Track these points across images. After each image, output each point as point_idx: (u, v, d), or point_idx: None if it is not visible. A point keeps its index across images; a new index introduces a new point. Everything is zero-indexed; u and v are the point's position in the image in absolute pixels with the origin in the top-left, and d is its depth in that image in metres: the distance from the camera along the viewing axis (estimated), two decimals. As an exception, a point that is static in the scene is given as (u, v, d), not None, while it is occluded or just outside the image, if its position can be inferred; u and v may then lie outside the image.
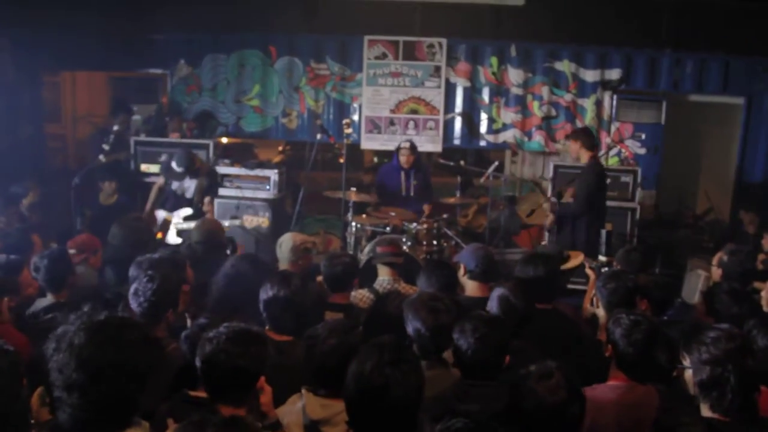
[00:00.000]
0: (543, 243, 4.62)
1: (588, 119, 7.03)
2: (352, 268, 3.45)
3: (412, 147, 6.19)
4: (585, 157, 5.17)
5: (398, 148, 6.20)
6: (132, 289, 2.75)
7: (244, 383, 2.04)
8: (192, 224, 5.03)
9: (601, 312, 3.07)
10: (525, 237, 6.71)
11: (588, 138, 5.20)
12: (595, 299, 3.16)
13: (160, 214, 5.61)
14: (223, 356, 2.01)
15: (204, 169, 5.78)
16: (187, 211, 5.42)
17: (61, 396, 1.66)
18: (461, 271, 3.47)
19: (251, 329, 2.12)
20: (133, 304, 2.73)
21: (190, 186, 5.70)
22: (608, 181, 5.51)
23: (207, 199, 5.66)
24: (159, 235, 5.41)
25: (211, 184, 5.82)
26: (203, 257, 3.94)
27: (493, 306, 2.82)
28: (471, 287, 3.44)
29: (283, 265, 3.77)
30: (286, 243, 3.83)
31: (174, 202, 5.68)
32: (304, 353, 2.31)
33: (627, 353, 2.40)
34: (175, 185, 5.72)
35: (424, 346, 2.46)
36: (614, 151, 6.82)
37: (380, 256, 3.90)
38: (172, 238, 5.38)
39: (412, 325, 2.45)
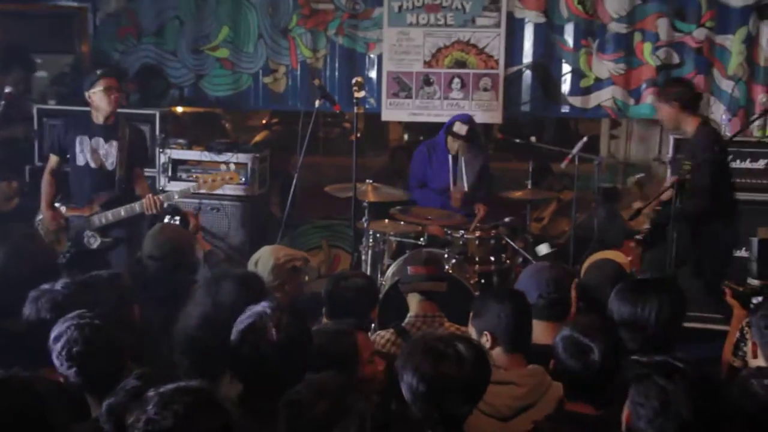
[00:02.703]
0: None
1: (732, 66, 6.85)
2: (369, 294, 3.58)
3: (471, 129, 6.29)
4: (689, 125, 5.23)
5: (449, 127, 6.32)
6: (58, 348, 2.82)
7: None
8: (116, 213, 5.41)
9: (761, 365, 3.02)
10: (630, 250, 6.32)
11: (688, 93, 5.25)
12: (750, 346, 3.12)
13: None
14: None
15: (123, 125, 5.68)
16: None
17: None
18: None
19: (203, 391, 2.16)
20: (62, 367, 2.82)
21: (108, 153, 5.61)
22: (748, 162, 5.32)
23: (138, 175, 5.68)
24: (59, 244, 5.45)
25: (139, 145, 5.80)
26: (157, 282, 4.04)
27: (560, 355, 2.81)
28: (536, 330, 3.45)
29: None
30: (264, 260, 4.05)
31: (88, 182, 5.58)
32: (285, 427, 2.35)
33: None
34: (82, 155, 5.57)
35: (424, 413, 2.49)
36: (774, 116, 6.61)
37: (412, 279, 4.00)
38: (92, 241, 5.49)
39: (404, 382, 2.50)
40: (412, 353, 2.53)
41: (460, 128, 6.25)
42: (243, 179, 6.56)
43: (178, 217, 5.29)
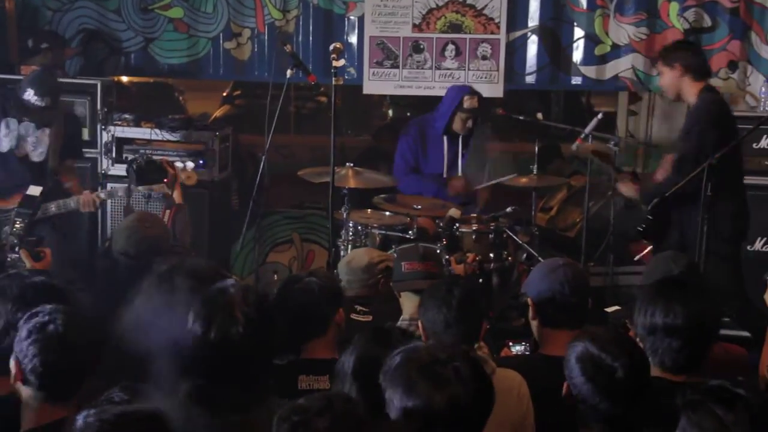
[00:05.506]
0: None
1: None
2: (329, 295, 3.58)
3: (480, 99, 6.41)
4: (691, 93, 5.33)
5: (458, 107, 6.39)
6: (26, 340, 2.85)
7: None
8: (44, 208, 5.40)
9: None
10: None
11: (694, 57, 5.36)
12: None
13: None
14: None
15: (60, 110, 5.74)
16: (36, 189, 5.45)
17: None
18: (530, 312, 3.59)
19: (155, 419, 2.22)
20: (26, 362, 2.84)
21: (39, 142, 5.66)
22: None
23: (68, 168, 5.72)
24: None
25: (74, 135, 5.84)
26: (132, 280, 4.02)
27: (574, 378, 2.80)
28: (548, 339, 3.53)
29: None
30: (358, 259, 4.72)
31: (6, 173, 5.62)
32: None
33: None
34: (6, 140, 5.62)
35: None
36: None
37: (406, 277, 4.09)
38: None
39: (397, 406, 2.45)
40: (412, 378, 2.46)
41: (471, 102, 6.34)
42: (201, 162, 6.56)
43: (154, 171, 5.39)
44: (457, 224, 5.64)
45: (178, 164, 5.62)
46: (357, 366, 2.82)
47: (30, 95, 5.46)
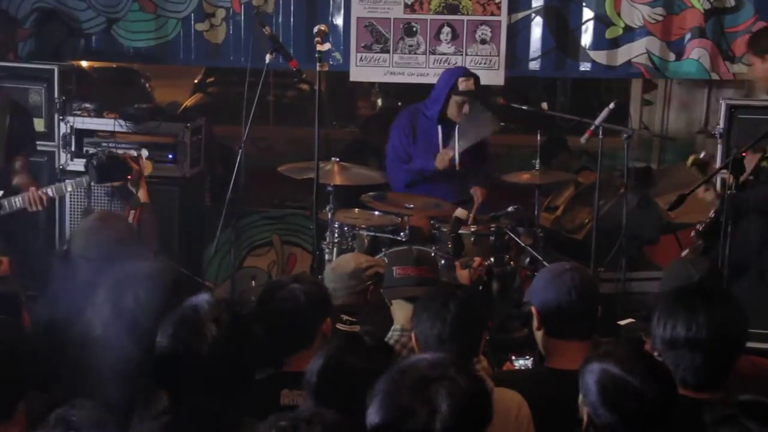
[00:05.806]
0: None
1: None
2: (319, 303, 3.57)
3: (476, 81, 6.37)
4: None
5: (452, 90, 6.33)
6: None
7: None
8: None
9: None
10: (669, 248, 6.61)
11: None
12: None
13: None
14: None
15: (3, 102, 5.69)
16: None
17: None
18: (534, 322, 3.56)
19: None
20: None
21: None
22: None
23: (19, 164, 5.65)
24: None
25: (23, 128, 5.76)
26: (92, 286, 4.04)
27: (597, 408, 2.75)
28: (554, 351, 3.53)
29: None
30: (343, 264, 4.66)
31: None
32: None
33: None
34: None
35: None
36: None
37: (398, 283, 4.12)
38: None
39: (371, 415, 2.46)
40: (398, 388, 2.45)
41: (467, 84, 6.21)
42: (170, 156, 6.48)
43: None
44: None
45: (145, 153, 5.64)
46: (322, 371, 2.85)
47: None
